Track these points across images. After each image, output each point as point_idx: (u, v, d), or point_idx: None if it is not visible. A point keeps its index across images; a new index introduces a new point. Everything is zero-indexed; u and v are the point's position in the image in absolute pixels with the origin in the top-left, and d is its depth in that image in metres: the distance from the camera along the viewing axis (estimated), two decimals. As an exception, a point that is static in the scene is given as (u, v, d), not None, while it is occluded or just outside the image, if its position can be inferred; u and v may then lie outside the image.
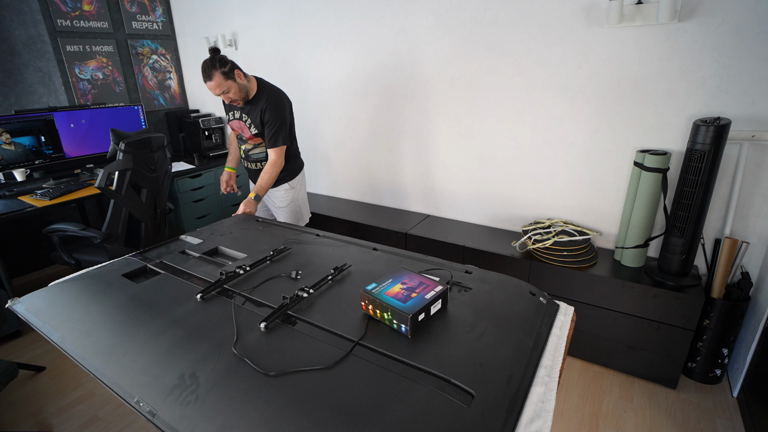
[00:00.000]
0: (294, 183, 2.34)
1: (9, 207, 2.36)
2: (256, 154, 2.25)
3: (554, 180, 2.29)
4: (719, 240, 1.96)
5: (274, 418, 0.81)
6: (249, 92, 2.06)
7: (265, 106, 2.06)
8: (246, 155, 2.28)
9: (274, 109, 2.07)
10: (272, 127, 2.08)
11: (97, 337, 1.10)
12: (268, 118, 2.07)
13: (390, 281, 1.15)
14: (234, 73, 1.95)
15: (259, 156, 2.24)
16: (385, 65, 2.63)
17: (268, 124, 2.08)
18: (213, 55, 1.91)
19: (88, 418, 1.90)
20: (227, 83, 1.93)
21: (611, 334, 2.03)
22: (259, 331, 1.08)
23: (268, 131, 2.09)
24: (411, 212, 2.86)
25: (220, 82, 1.91)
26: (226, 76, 1.92)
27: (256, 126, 2.11)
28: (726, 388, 1.98)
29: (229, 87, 1.95)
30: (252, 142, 2.21)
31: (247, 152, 2.26)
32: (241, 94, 2.00)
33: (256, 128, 2.12)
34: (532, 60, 2.15)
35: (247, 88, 2.04)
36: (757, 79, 1.71)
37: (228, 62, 1.94)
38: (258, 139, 2.17)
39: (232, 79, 1.94)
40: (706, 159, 1.70)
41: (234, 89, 1.97)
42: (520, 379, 0.92)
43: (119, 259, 1.61)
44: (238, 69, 1.98)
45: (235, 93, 1.98)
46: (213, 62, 1.89)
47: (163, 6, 3.54)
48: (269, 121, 2.07)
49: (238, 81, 1.97)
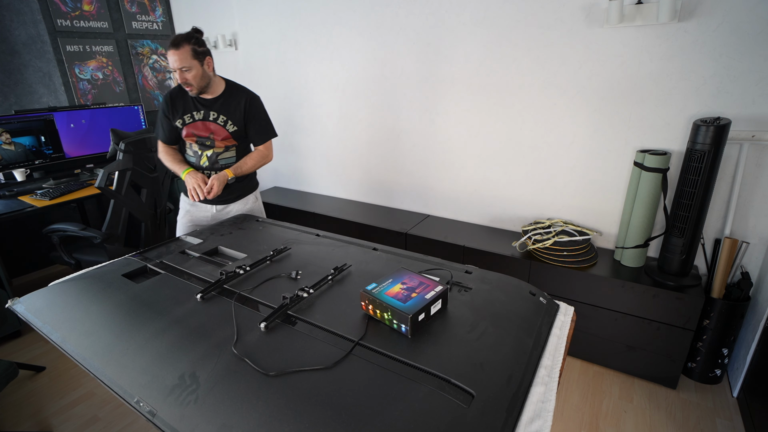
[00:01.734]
0: (258, 194, 2.19)
1: (9, 207, 2.36)
2: (225, 159, 1.97)
3: (554, 180, 2.29)
4: (719, 240, 1.96)
5: (274, 418, 0.81)
6: (210, 86, 1.85)
7: (247, 99, 1.92)
8: (211, 164, 1.95)
9: (258, 102, 1.96)
10: (262, 119, 1.97)
11: (97, 337, 1.10)
12: (255, 110, 1.94)
13: (390, 281, 1.15)
14: (205, 59, 1.79)
15: (229, 161, 1.98)
16: (384, 65, 2.63)
17: (257, 117, 1.95)
18: (192, 32, 1.77)
19: (88, 418, 1.90)
20: (192, 62, 1.74)
21: (611, 334, 2.03)
22: (259, 331, 1.08)
23: (257, 124, 1.96)
24: (411, 212, 2.86)
25: (186, 57, 1.72)
26: (196, 54, 1.74)
27: (236, 122, 1.91)
28: (726, 388, 1.98)
29: (192, 67, 1.75)
30: (223, 145, 1.94)
31: (213, 160, 1.94)
32: (200, 82, 1.80)
33: (236, 125, 1.91)
34: (532, 60, 2.15)
35: (210, 80, 1.84)
36: (757, 79, 1.71)
37: (204, 46, 1.79)
38: (232, 140, 1.94)
39: (199, 61, 1.76)
40: (706, 159, 1.70)
41: (196, 72, 1.77)
42: (520, 379, 0.92)
43: (119, 259, 1.61)
44: (211, 58, 1.83)
45: (195, 77, 1.77)
46: (189, 36, 1.74)
47: (163, 6, 3.54)
48: (258, 113, 1.95)
49: (204, 67, 1.79)
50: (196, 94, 1.85)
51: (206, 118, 1.89)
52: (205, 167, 1.96)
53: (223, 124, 1.90)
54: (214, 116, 1.89)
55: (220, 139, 1.93)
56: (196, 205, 2.04)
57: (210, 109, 1.89)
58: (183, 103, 1.89)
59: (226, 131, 1.92)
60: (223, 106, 1.90)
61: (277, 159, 3.49)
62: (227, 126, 1.91)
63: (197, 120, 1.89)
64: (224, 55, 3.41)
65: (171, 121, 1.91)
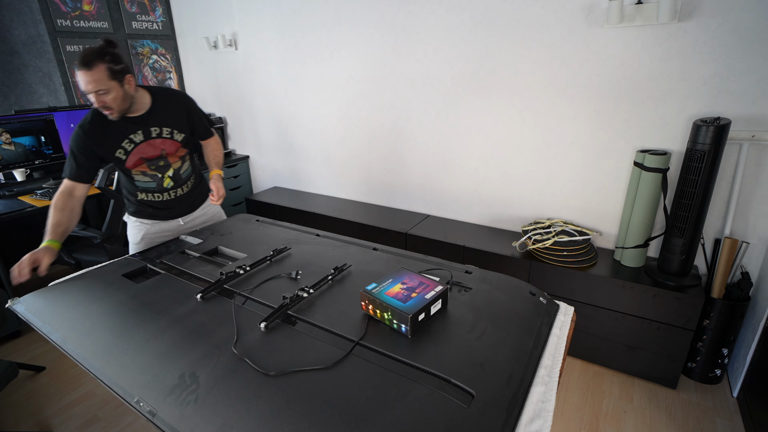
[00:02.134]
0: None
1: (9, 207, 2.36)
2: (185, 171, 1.81)
3: (554, 180, 2.29)
4: (719, 240, 1.96)
5: (274, 418, 0.81)
6: (135, 105, 1.58)
7: (180, 101, 1.74)
8: (177, 182, 1.79)
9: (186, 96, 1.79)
10: (199, 111, 1.82)
11: (97, 337, 1.10)
12: (192, 107, 1.78)
13: (390, 281, 1.15)
14: (125, 78, 1.49)
15: (189, 172, 1.84)
16: (384, 65, 2.63)
17: (197, 113, 1.80)
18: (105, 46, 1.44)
19: (88, 418, 1.90)
20: (110, 83, 1.44)
21: (611, 334, 2.03)
22: (259, 331, 1.08)
23: (200, 119, 1.81)
24: (411, 212, 2.86)
25: (101, 78, 1.42)
26: (113, 74, 1.45)
27: (182, 129, 1.73)
28: (726, 388, 1.98)
29: (110, 89, 1.45)
30: (178, 158, 1.76)
31: (177, 177, 1.78)
32: (123, 104, 1.51)
33: (183, 132, 1.73)
34: (532, 60, 2.15)
35: (134, 99, 1.56)
36: (757, 79, 1.71)
37: (121, 62, 1.48)
38: (183, 150, 1.77)
39: (118, 82, 1.47)
40: (706, 159, 1.70)
41: (116, 95, 1.47)
42: (520, 379, 0.92)
43: (119, 259, 1.61)
44: (132, 76, 1.53)
45: (115, 100, 1.48)
46: (102, 52, 1.41)
47: (163, 6, 3.54)
48: (198, 109, 1.80)
49: (125, 87, 1.50)
50: (118, 118, 1.55)
51: (149, 136, 1.65)
52: (170, 188, 1.78)
53: (170, 136, 1.69)
54: (156, 132, 1.66)
55: (174, 153, 1.73)
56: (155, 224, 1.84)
57: (148, 126, 1.64)
58: (115, 128, 1.59)
59: (176, 142, 1.72)
60: (162, 117, 1.67)
61: (277, 159, 3.49)
62: (175, 137, 1.71)
63: (139, 143, 1.63)
64: (224, 55, 3.41)
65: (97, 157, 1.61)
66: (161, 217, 1.83)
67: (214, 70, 3.55)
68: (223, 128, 3.71)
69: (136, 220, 1.83)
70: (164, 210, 1.83)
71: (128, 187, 1.77)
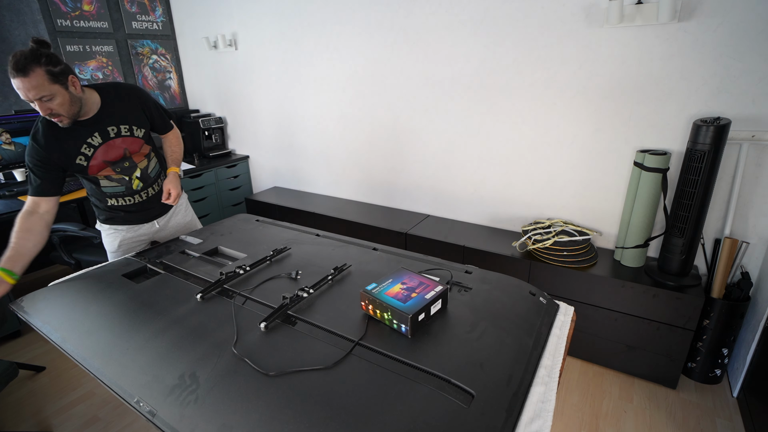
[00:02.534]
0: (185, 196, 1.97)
1: (9, 207, 2.35)
2: (153, 170, 1.73)
3: (554, 180, 2.29)
4: (719, 240, 1.96)
5: (274, 418, 0.81)
6: (85, 107, 1.46)
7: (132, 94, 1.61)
8: (146, 182, 1.70)
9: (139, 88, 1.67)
10: (155, 103, 1.70)
11: (97, 337, 1.10)
12: (146, 99, 1.65)
13: (390, 281, 1.15)
14: (68, 79, 1.36)
15: (156, 170, 1.75)
16: (385, 65, 2.63)
17: (153, 104, 1.68)
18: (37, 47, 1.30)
19: (88, 418, 1.90)
20: (52, 88, 1.31)
21: (611, 334, 2.03)
22: (259, 331, 1.08)
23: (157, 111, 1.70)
24: (411, 212, 2.86)
25: (41, 83, 1.29)
26: (54, 78, 1.31)
27: (141, 124, 1.62)
28: (726, 388, 1.98)
29: (55, 94, 1.32)
30: (143, 156, 1.67)
31: (146, 176, 1.70)
32: (71, 108, 1.39)
33: (142, 126, 1.63)
34: (532, 60, 2.15)
35: (83, 101, 1.44)
36: (757, 79, 1.71)
37: (60, 62, 1.34)
38: (147, 146, 1.68)
39: (61, 85, 1.34)
40: (706, 159, 1.70)
41: (62, 99, 1.35)
42: (520, 379, 0.92)
43: (119, 259, 1.61)
44: (74, 76, 1.39)
45: (62, 105, 1.35)
46: (36, 54, 1.28)
47: (163, 6, 3.54)
48: (153, 102, 1.68)
49: (70, 89, 1.38)
50: (70, 124, 1.43)
51: (107, 138, 1.53)
52: (140, 189, 1.68)
53: (129, 134, 1.59)
54: (114, 131, 1.55)
55: (138, 151, 1.63)
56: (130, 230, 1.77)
57: (104, 126, 1.52)
58: (69, 135, 1.47)
59: (137, 139, 1.62)
60: (118, 115, 1.56)
61: (277, 159, 3.49)
62: (135, 133, 1.61)
63: (98, 146, 1.53)
64: (224, 55, 3.41)
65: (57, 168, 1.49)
66: (135, 221, 1.75)
67: (214, 70, 3.55)
68: (223, 128, 3.71)
69: (110, 227, 1.75)
70: (137, 213, 1.74)
71: (96, 195, 1.67)
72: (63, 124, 1.42)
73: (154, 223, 1.82)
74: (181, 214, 1.93)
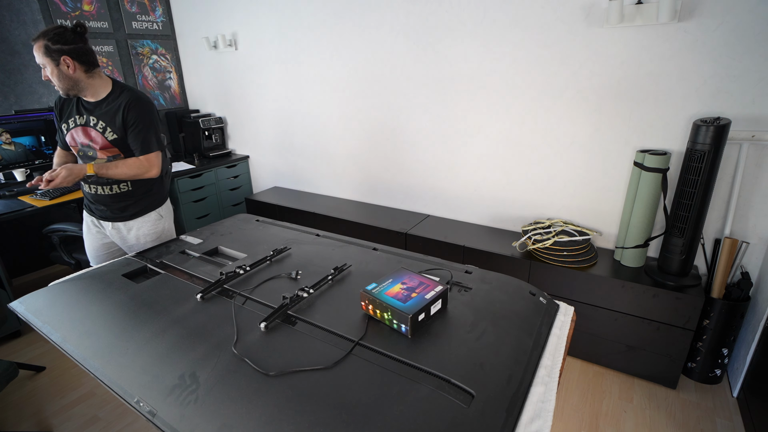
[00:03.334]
0: (163, 211, 1.91)
1: (9, 207, 2.36)
2: None
3: (554, 180, 2.29)
4: (719, 240, 1.96)
5: (274, 418, 0.81)
6: (86, 89, 1.65)
7: (126, 102, 1.67)
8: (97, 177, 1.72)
9: (141, 106, 1.69)
10: (140, 126, 1.69)
11: (97, 337, 1.10)
12: (134, 116, 1.67)
13: (390, 281, 1.15)
14: (60, 58, 1.56)
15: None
16: (384, 65, 2.63)
17: (136, 124, 1.68)
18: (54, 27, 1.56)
19: (88, 418, 1.90)
20: (44, 59, 1.56)
21: (611, 334, 2.03)
22: (259, 331, 1.08)
23: (135, 133, 1.69)
24: (411, 212, 2.86)
25: (39, 53, 1.56)
26: (48, 52, 1.54)
27: (114, 129, 1.68)
28: (726, 388, 1.98)
29: (45, 65, 1.57)
30: (106, 154, 1.71)
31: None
32: (61, 82, 1.60)
33: (115, 132, 1.68)
34: (532, 60, 2.15)
35: (78, 82, 1.62)
36: (757, 79, 1.71)
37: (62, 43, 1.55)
38: (114, 149, 1.71)
39: (52, 60, 1.56)
40: (706, 159, 1.70)
41: (51, 71, 1.58)
42: (520, 379, 0.92)
43: (119, 259, 1.61)
44: (69, 58, 1.57)
45: (52, 76, 1.59)
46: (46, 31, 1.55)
47: (163, 6, 3.54)
48: (137, 120, 1.68)
49: (61, 67, 1.57)
50: (66, 95, 1.67)
51: (87, 123, 1.69)
52: (91, 181, 1.77)
53: (101, 131, 1.68)
54: (94, 122, 1.68)
55: (100, 148, 1.70)
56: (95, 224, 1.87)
57: (91, 114, 1.69)
58: (69, 106, 1.73)
59: (105, 139, 1.68)
60: (104, 112, 1.68)
61: (277, 159, 3.49)
62: (106, 134, 1.68)
63: (78, 125, 1.70)
64: (224, 55, 3.41)
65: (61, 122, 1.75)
66: (94, 213, 1.87)
67: (214, 70, 3.55)
68: (223, 128, 3.71)
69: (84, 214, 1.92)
70: (92, 204, 1.85)
71: None
72: (60, 93, 1.68)
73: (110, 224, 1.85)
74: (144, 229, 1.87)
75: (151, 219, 1.86)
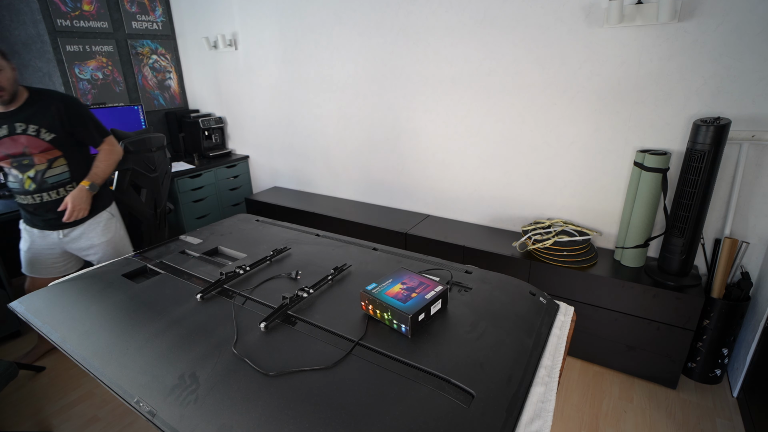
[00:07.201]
0: (113, 210, 1.91)
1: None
2: (54, 176, 1.72)
3: (554, 180, 2.29)
4: (719, 240, 1.96)
5: (274, 418, 0.81)
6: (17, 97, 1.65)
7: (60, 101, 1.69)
8: (39, 186, 1.70)
9: (71, 100, 1.73)
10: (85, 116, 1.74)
11: (97, 337, 1.10)
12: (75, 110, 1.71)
13: (390, 281, 1.15)
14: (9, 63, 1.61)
15: (61, 178, 1.73)
16: (385, 65, 2.63)
17: (81, 115, 1.72)
18: None
19: (88, 418, 1.90)
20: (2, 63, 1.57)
21: (611, 334, 2.03)
22: (259, 331, 1.08)
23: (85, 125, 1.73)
24: (411, 212, 2.86)
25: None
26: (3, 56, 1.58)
27: (51, 129, 1.67)
28: (726, 388, 1.98)
29: (4, 68, 1.57)
30: (45, 159, 1.67)
31: (39, 180, 1.70)
32: (11, 87, 1.60)
33: (52, 131, 1.67)
34: (532, 60, 2.15)
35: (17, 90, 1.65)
36: (757, 79, 1.71)
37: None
38: (55, 151, 1.69)
39: (8, 63, 1.59)
40: (706, 159, 1.70)
41: (8, 75, 1.58)
42: (520, 379, 0.92)
43: (119, 259, 1.61)
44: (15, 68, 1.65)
45: (7, 80, 1.58)
46: None
47: (163, 6, 3.54)
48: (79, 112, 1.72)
49: (15, 73, 1.62)
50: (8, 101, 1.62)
51: (12, 132, 1.63)
52: (32, 191, 1.70)
53: (35, 134, 1.65)
54: (22, 128, 1.64)
55: (38, 152, 1.67)
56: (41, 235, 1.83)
57: (15, 121, 1.63)
58: None
59: (42, 141, 1.66)
60: (31, 114, 1.65)
61: (277, 159, 3.49)
62: (41, 135, 1.66)
63: (2, 137, 1.63)
64: (224, 55, 3.41)
65: None
66: (37, 224, 1.79)
67: (214, 70, 3.55)
68: (223, 128, 3.71)
69: (24, 228, 1.84)
70: (35, 216, 1.77)
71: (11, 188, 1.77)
72: (3, 100, 1.60)
73: (58, 232, 1.82)
74: (98, 230, 1.86)
75: (103, 219, 1.85)
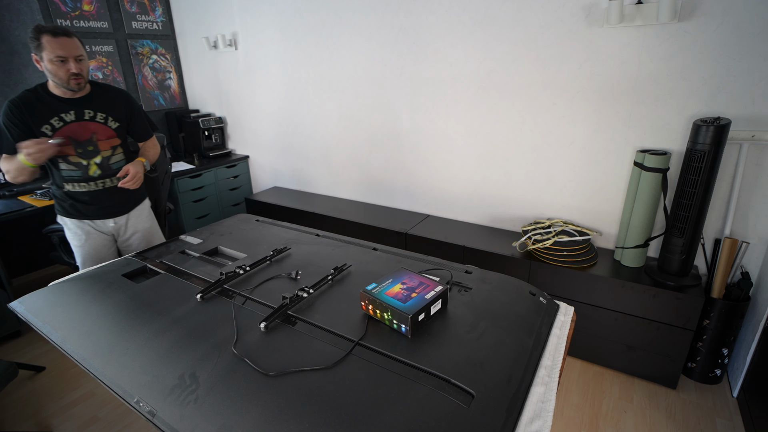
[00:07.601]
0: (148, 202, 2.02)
1: (9, 207, 2.36)
2: (117, 162, 1.79)
3: (554, 180, 2.29)
4: (719, 240, 1.96)
5: (274, 418, 0.81)
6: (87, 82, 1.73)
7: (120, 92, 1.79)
8: (105, 171, 1.75)
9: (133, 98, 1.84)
10: (142, 113, 1.84)
11: (97, 337, 1.10)
12: (134, 105, 1.81)
13: (390, 281, 1.15)
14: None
15: (120, 165, 1.78)
16: (385, 65, 2.63)
17: (139, 110, 1.82)
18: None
19: (88, 418, 1.90)
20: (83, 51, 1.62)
21: (611, 334, 2.03)
22: (259, 331, 1.08)
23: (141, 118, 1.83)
24: (411, 212, 2.86)
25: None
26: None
27: (116, 118, 1.74)
28: (726, 388, 1.98)
29: (84, 56, 1.62)
30: (109, 146, 1.75)
31: (105, 165, 1.75)
32: (88, 75, 1.67)
33: (117, 120, 1.75)
34: (532, 60, 2.15)
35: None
36: (757, 79, 1.71)
37: None
38: (117, 139, 1.77)
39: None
40: (706, 159, 1.70)
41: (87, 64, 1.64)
42: (520, 379, 0.92)
43: (119, 259, 1.61)
44: None
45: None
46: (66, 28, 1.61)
47: (163, 6, 3.54)
48: (139, 108, 1.83)
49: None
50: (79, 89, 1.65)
51: (80, 117, 1.67)
52: (97, 177, 1.73)
53: (103, 122, 1.71)
54: (90, 114, 1.69)
55: (105, 138, 1.72)
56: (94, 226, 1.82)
57: (83, 108, 1.67)
58: (45, 106, 1.62)
59: (109, 129, 1.73)
60: (99, 104, 1.71)
61: (277, 159, 3.49)
62: (108, 123, 1.72)
63: (69, 122, 1.65)
64: (224, 55, 3.41)
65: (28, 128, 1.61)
66: (91, 214, 1.79)
67: (214, 70, 3.55)
68: (223, 128, 3.71)
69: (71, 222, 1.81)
70: (91, 205, 1.77)
71: (56, 180, 1.74)
72: (78, 88, 1.63)
73: (109, 221, 1.84)
74: (143, 217, 1.94)
75: (146, 207, 1.98)
